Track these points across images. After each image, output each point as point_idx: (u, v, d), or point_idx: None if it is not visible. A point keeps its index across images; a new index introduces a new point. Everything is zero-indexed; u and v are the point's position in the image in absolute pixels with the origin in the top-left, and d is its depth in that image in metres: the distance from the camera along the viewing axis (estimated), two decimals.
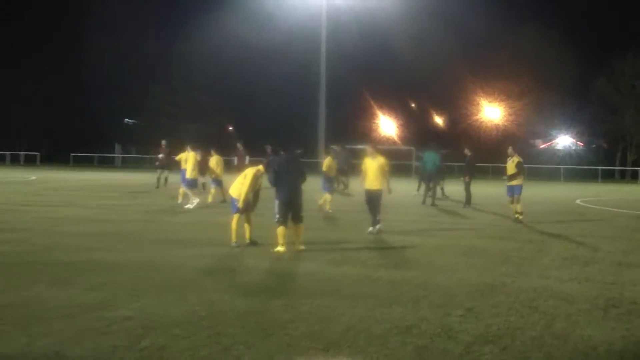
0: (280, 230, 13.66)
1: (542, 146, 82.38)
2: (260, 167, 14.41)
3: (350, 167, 31.25)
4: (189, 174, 23.26)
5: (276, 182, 13.95)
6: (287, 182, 13.86)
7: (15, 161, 69.13)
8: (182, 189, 23.89)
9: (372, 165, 16.76)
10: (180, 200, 23.53)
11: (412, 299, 9.42)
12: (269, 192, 14.90)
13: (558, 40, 70.86)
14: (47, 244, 14.11)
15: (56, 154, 72.45)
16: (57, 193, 29.45)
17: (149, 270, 11.33)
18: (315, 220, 16.80)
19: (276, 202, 13.91)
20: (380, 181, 16.74)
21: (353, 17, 58.26)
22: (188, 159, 23.48)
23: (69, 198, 26.63)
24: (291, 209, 13.82)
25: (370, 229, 16.69)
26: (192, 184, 23.28)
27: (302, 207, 14.16)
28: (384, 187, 16.83)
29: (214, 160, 25.07)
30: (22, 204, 23.40)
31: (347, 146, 27.21)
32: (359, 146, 17.32)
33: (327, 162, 22.91)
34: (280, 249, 13.51)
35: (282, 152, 14.66)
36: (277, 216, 13.77)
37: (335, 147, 29.04)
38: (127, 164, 69.45)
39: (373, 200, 16.79)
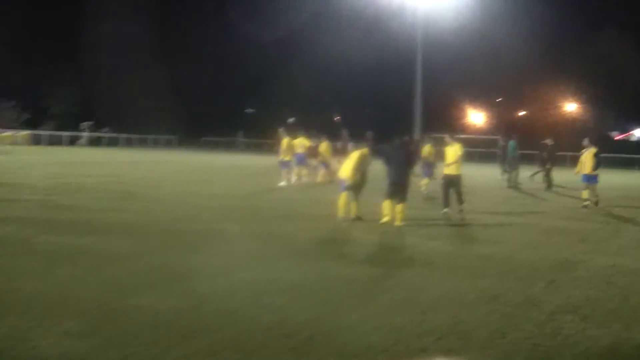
0: (386, 203, 13.78)
1: (617, 137, 79.40)
2: (365, 149, 14.38)
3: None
4: (281, 156, 23.40)
5: (387, 165, 13.99)
6: (396, 166, 13.87)
7: (156, 144, 71.26)
8: (298, 170, 24.14)
9: (450, 152, 16.41)
10: (295, 180, 23.70)
11: (499, 272, 9.25)
12: (373, 174, 14.87)
13: (631, 41, 68.09)
14: (178, 215, 14.38)
15: (189, 138, 74.22)
16: (188, 172, 30.15)
17: (267, 240, 11.47)
18: (414, 200, 16.60)
19: (386, 182, 13.93)
20: (458, 166, 16.42)
21: (444, 19, 57.24)
22: (282, 143, 23.56)
23: (198, 176, 27.22)
24: (397, 189, 13.78)
25: (445, 210, 16.05)
26: (284, 165, 23.41)
27: (407, 189, 14.08)
28: (461, 172, 16.49)
29: (324, 146, 25.20)
30: (160, 180, 24.09)
31: (433, 135, 26.51)
32: (443, 135, 16.96)
33: (427, 148, 22.55)
34: (385, 219, 13.64)
35: (395, 140, 14.66)
36: (386, 193, 13.82)
37: (418, 136, 28.49)
38: (249, 148, 70.59)
39: (451, 184, 16.38)
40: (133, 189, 19.85)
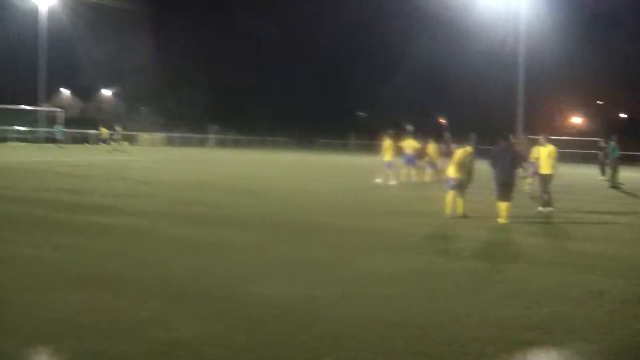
0: (499, 205, 13.40)
1: None
2: (468, 148, 14.08)
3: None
4: (385, 157, 23.18)
5: (493, 167, 13.65)
6: (502, 167, 13.49)
7: (275, 145, 72.77)
8: (407, 170, 24.03)
9: (544, 153, 15.91)
10: (405, 179, 23.51)
11: (604, 268, 8.81)
12: (480, 174, 14.60)
13: None
14: (295, 210, 14.48)
15: (304, 139, 75.26)
16: (304, 170, 30.49)
17: (377, 234, 11.38)
18: (519, 199, 16.07)
19: (494, 183, 13.62)
20: (550, 166, 15.80)
21: (546, 22, 55.44)
22: (384, 144, 23.35)
23: (311, 175, 27.42)
24: (504, 189, 13.41)
25: (540, 208, 15.48)
26: (388, 165, 23.19)
27: (513, 189, 13.67)
28: (553, 172, 15.83)
29: (431, 147, 24.97)
30: (277, 177, 24.43)
31: (530, 136, 25.54)
32: (539, 136, 16.46)
33: (535, 150, 21.88)
34: (500, 220, 13.22)
35: (500, 142, 14.29)
36: (496, 194, 13.51)
37: (520, 137, 27.46)
38: (360, 150, 70.79)
39: (545, 182, 15.86)
40: (253, 186, 20.15)
